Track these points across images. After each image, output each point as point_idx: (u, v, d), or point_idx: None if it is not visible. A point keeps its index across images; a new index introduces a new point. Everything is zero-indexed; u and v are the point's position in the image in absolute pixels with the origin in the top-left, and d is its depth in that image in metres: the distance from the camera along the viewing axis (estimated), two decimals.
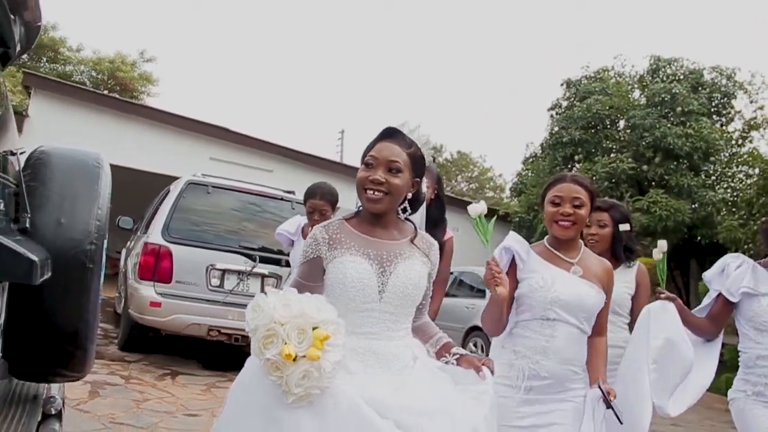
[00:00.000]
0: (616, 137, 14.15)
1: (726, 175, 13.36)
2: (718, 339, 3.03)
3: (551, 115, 15.29)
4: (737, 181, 13.25)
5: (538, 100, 63.68)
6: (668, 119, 12.82)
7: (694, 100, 12.83)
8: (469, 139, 70.74)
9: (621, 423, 2.23)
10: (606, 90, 14.03)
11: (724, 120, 14.20)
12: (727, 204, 12.39)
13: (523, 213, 14.24)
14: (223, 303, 6.10)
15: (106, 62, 22.05)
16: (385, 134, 1.94)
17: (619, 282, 2.77)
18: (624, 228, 3.07)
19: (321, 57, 69.33)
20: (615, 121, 14.23)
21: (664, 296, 2.89)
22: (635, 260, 3.16)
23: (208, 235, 6.40)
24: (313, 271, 1.93)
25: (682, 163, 12.62)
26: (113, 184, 2.15)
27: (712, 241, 12.05)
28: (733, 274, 2.89)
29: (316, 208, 3.78)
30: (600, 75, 14.86)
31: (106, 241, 1.96)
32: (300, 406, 1.63)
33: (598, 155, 13.46)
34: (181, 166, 10.29)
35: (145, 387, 5.31)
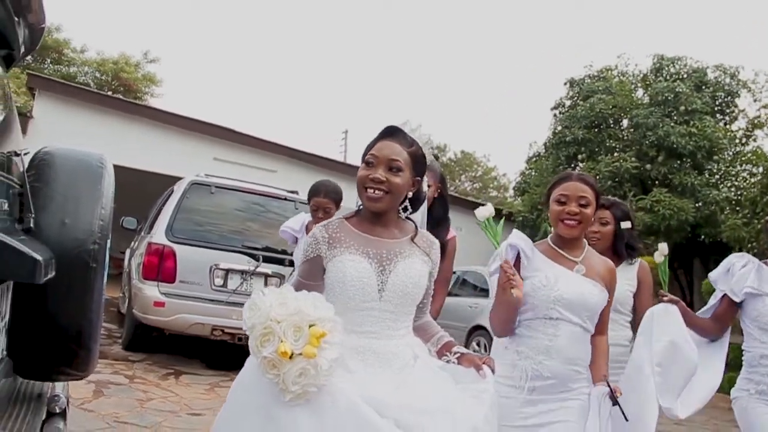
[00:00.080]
0: (619, 136, 14.14)
1: (729, 173, 13.33)
2: (724, 340, 3.03)
3: (554, 115, 15.28)
4: (741, 180, 13.23)
5: (538, 100, 63.56)
6: (671, 118, 12.80)
7: (698, 99, 12.81)
8: (472, 139, 70.79)
9: (627, 420, 2.23)
10: (609, 89, 14.01)
11: (727, 119, 14.18)
12: (730, 203, 12.36)
13: (526, 212, 14.23)
14: (227, 303, 6.10)
15: (110, 63, 22.07)
16: (386, 133, 1.94)
17: (621, 279, 2.76)
18: (626, 225, 3.08)
19: (324, 57, 69.42)
20: (618, 120, 14.21)
21: (666, 299, 2.88)
22: (637, 258, 3.16)
23: (211, 235, 6.42)
24: (314, 271, 1.92)
25: (686, 162, 12.59)
26: (117, 185, 2.17)
27: (715, 240, 12.02)
28: (738, 274, 2.89)
29: (320, 205, 3.78)
30: (603, 74, 14.84)
31: (109, 241, 1.98)
32: (297, 404, 1.63)
33: (601, 154, 13.44)
34: (184, 166, 10.31)
35: (149, 386, 5.32)
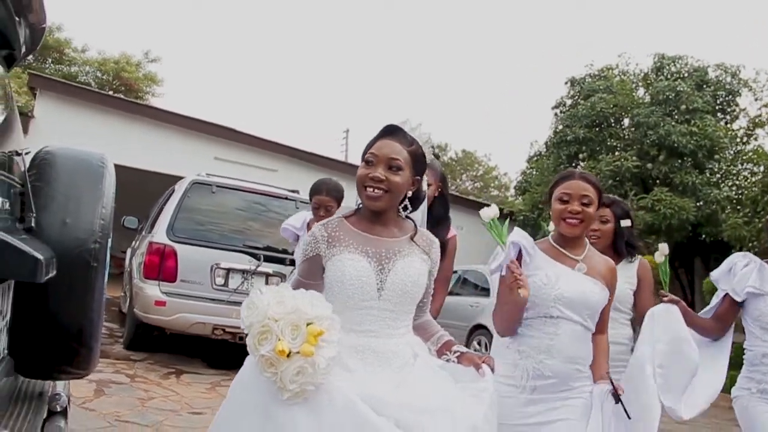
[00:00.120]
0: (620, 135, 14.12)
1: (730, 172, 13.30)
2: (728, 340, 3.02)
3: (555, 114, 15.26)
4: (742, 179, 13.21)
5: (538, 100, 63.63)
6: (672, 117, 12.78)
7: (699, 98, 12.79)
8: (473, 139, 70.80)
9: (629, 418, 2.22)
10: (610, 88, 13.99)
11: (728, 118, 14.16)
12: (731, 202, 12.34)
13: (527, 211, 14.22)
14: (228, 302, 6.11)
15: (111, 63, 22.08)
16: (386, 132, 1.93)
17: (621, 278, 2.76)
18: (625, 224, 3.08)
19: (325, 56, 69.42)
20: (619, 120, 14.19)
21: (667, 299, 2.88)
22: (636, 256, 3.16)
23: (212, 235, 6.42)
24: (313, 270, 1.92)
25: (687, 161, 12.57)
26: (118, 184, 2.17)
27: (716, 239, 12.02)
28: (740, 274, 2.88)
29: (322, 203, 3.79)
30: (604, 73, 14.81)
31: (110, 240, 1.98)
32: (295, 402, 1.63)
33: (602, 153, 13.42)
34: (185, 165, 10.33)
35: (150, 385, 5.33)
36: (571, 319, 2.32)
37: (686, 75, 13.80)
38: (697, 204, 12.14)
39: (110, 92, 19.21)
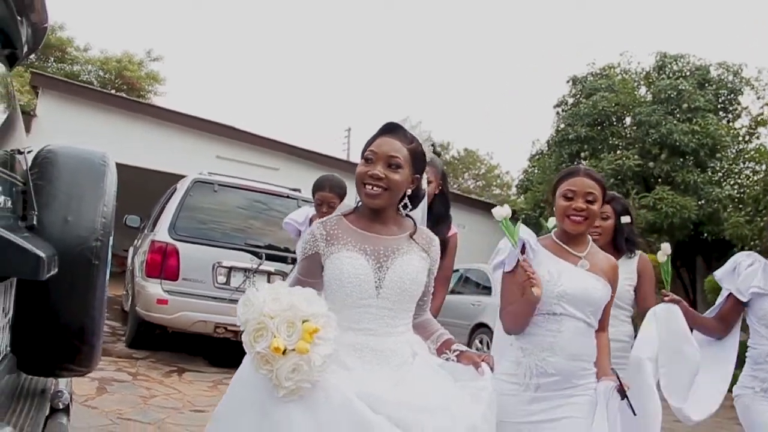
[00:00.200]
0: (622, 134, 14.09)
1: (732, 171, 13.27)
2: (734, 340, 3.00)
3: (557, 112, 15.23)
4: (744, 178, 13.18)
5: (540, 98, 63.47)
6: (674, 116, 12.76)
7: (701, 97, 12.77)
8: (475, 137, 70.70)
9: (635, 414, 2.22)
10: (612, 87, 13.96)
11: (730, 116, 14.12)
12: (733, 200, 12.32)
13: (529, 210, 14.20)
14: (230, 300, 6.10)
15: (113, 62, 22.08)
16: (385, 129, 1.92)
17: (621, 274, 2.75)
18: (625, 220, 3.08)
19: (327, 55, 69.35)
20: (621, 118, 14.16)
21: (668, 299, 2.88)
22: (636, 252, 3.16)
23: (214, 233, 6.43)
24: (312, 268, 1.92)
25: (689, 160, 12.54)
26: (120, 183, 2.18)
27: (718, 238, 11.99)
28: (744, 273, 2.87)
29: (325, 200, 3.79)
30: (606, 72, 14.79)
31: (112, 239, 1.99)
32: (291, 400, 1.62)
33: (604, 152, 13.39)
34: (187, 164, 10.35)
35: (152, 383, 5.35)
36: (574, 316, 2.30)
37: (688, 74, 13.77)
38: (699, 203, 12.12)
39: (112, 91, 19.23)
